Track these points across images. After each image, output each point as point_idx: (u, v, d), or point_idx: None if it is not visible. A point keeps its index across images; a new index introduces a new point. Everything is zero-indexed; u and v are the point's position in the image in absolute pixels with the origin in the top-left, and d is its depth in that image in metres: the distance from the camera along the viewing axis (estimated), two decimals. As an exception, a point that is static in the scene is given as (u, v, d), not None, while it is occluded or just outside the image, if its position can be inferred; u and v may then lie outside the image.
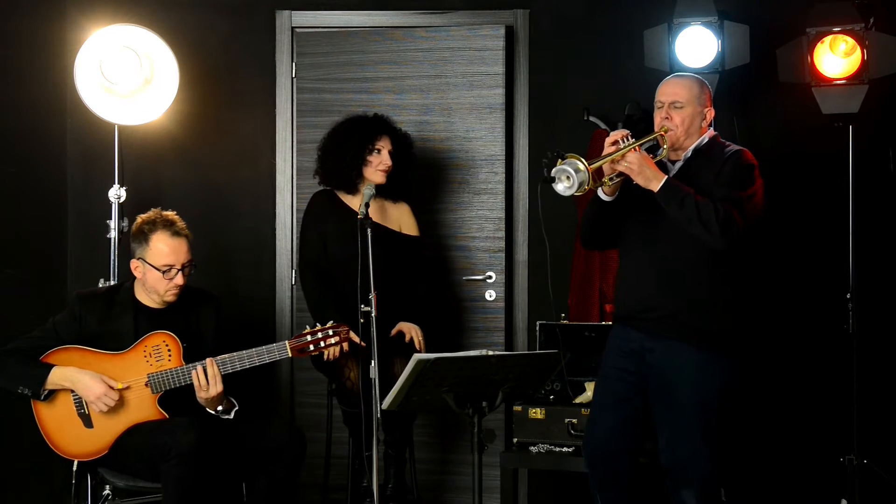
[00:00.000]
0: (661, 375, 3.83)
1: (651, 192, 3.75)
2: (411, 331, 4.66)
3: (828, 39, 4.76)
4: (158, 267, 4.10)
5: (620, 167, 3.75)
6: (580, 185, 3.63)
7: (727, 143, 3.98)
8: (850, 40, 4.72)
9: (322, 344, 4.12)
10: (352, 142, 4.70)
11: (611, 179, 3.79)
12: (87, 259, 5.29)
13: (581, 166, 3.63)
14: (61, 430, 4.05)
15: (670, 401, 3.82)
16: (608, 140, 3.81)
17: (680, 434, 3.81)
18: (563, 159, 3.66)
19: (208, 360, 4.02)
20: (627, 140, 3.77)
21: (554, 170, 3.67)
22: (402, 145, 4.82)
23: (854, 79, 4.73)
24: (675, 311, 3.82)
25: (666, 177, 3.75)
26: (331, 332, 4.13)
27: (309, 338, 4.11)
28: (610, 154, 3.74)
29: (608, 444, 3.94)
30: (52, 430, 4.06)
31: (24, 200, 5.14)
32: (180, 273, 4.11)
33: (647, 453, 4.07)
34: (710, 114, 3.93)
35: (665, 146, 3.88)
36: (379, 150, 4.70)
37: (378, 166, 4.69)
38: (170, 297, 4.15)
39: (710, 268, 3.82)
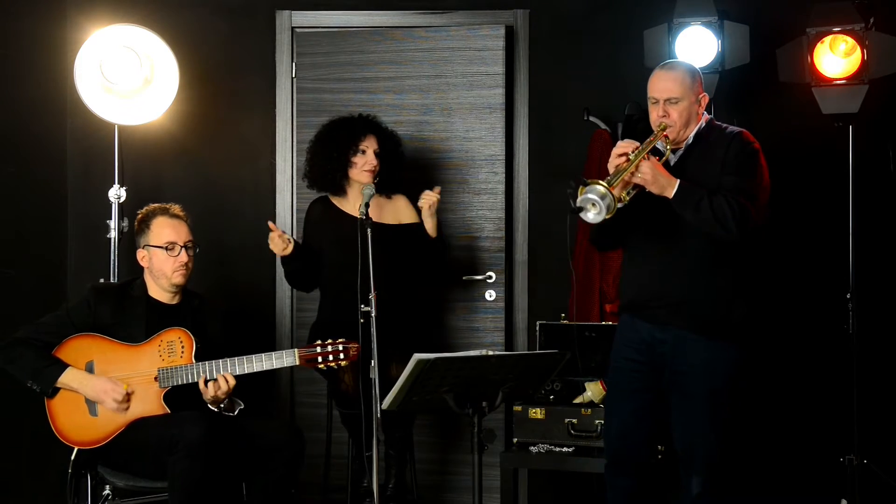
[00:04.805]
0: (672, 365, 3.85)
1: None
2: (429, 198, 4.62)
3: (828, 39, 4.76)
4: (162, 245, 4.17)
5: (636, 180, 3.73)
6: (608, 208, 3.59)
7: (723, 124, 3.98)
8: (850, 40, 4.72)
9: (331, 358, 4.13)
10: (336, 143, 4.70)
11: (627, 193, 3.75)
12: (87, 259, 5.29)
13: (604, 190, 3.59)
14: (67, 414, 4.07)
15: (681, 389, 3.84)
16: (615, 152, 3.77)
17: (690, 422, 3.84)
18: (584, 185, 3.64)
19: (221, 377, 4.04)
20: (634, 147, 3.76)
21: (579, 200, 3.62)
22: (389, 143, 4.79)
23: (854, 79, 4.73)
24: (682, 300, 3.83)
25: (678, 181, 3.74)
26: (341, 348, 4.14)
27: (319, 349, 4.14)
28: (624, 169, 3.71)
29: (624, 434, 3.96)
30: (57, 412, 4.08)
31: (24, 200, 5.14)
32: (184, 250, 4.20)
33: (661, 443, 4.09)
34: (705, 99, 3.91)
35: (668, 146, 3.87)
36: (364, 151, 4.68)
37: (364, 167, 4.67)
38: (178, 279, 4.19)
39: (716, 257, 3.81)
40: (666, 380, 3.88)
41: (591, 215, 3.62)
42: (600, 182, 3.61)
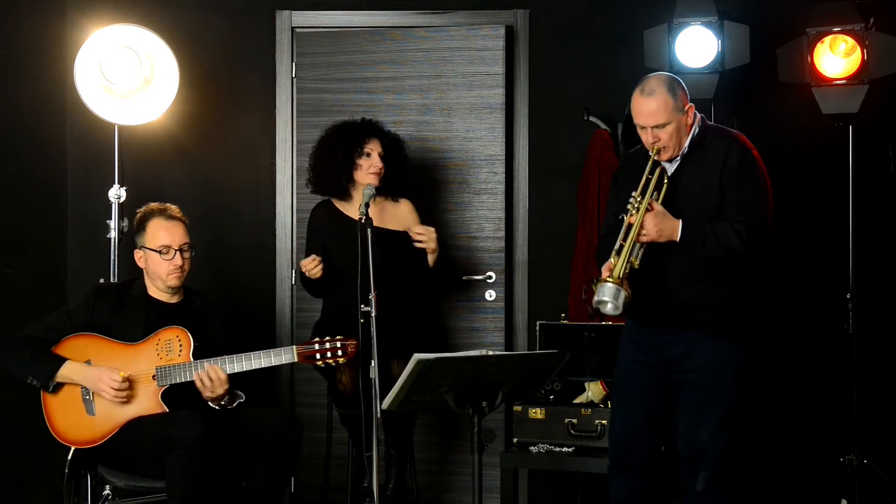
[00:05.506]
0: (680, 364, 3.86)
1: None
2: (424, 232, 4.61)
3: (828, 39, 4.76)
4: (156, 248, 4.17)
5: (642, 239, 3.74)
6: (625, 298, 3.64)
7: (717, 125, 3.98)
8: (850, 40, 4.71)
9: (329, 355, 4.15)
10: (340, 147, 4.69)
11: (636, 257, 3.74)
12: (87, 259, 5.29)
13: (615, 288, 3.64)
14: (64, 414, 4.08)
15: (690, 388, 3.85)
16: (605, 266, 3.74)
17: (699, 420, 3.85)
18: (595, 284, 3.67)
19: (209, 367, 4.05)
20: (635, 201, 3.75)
21: (595, 302, 3.68)
22: (393, 146, 4.79)
23: (854, 79, 4.73)
24: (690, 304, 3.83)
25: (680, 222, 3.75)
26: (339, 345, 4.16)
27: (317, 346, 4.15)
28: (630, 242, 3.71)
29: (631, 435, 3.97)
30: (54, 413, 4.09)
31: (24, 200, 5.14)
32: (178, 254, 4.19)
33: (667, 443, 4.10)
34: (691, 109, 3.87)
35: (667, 173, 3.86)
36: (368, 154, 4.68)
37: (369, 170, 4.67)
38: (173, 281, 4.20)
39: (723, 261, 3.81)
40: (674, 380, 3.89)
41: (610, 309, 3.67)
42: (609, 280, 3.65)
